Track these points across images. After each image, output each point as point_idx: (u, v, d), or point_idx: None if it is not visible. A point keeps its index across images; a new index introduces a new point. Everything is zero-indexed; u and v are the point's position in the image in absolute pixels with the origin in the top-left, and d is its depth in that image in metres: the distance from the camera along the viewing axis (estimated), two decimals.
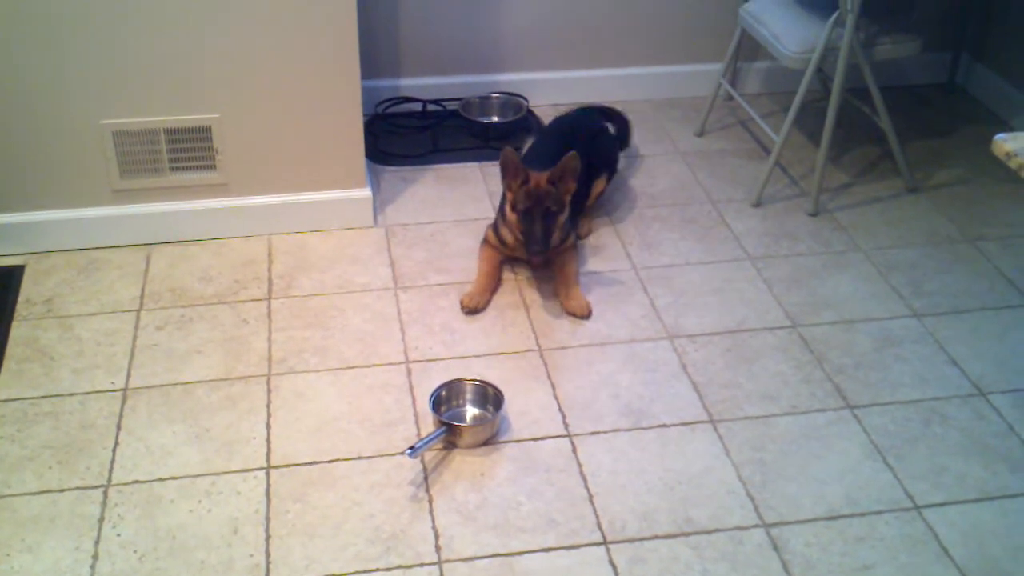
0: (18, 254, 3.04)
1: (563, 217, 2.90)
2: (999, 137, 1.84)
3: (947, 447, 2.48)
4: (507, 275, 3.03)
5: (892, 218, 3.34)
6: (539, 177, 2.85)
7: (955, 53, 4.09)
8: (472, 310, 2.86)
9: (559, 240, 2.94)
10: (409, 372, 2.66)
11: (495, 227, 3.03)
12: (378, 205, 3.32)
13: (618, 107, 3.69)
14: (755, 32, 3.45)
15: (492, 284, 2.94)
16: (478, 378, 2.59)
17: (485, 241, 3.05)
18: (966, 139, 3.81)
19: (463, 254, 3.09)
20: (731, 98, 3.93)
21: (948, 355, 2.77)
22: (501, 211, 3.00)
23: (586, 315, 2.86)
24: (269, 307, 2.88)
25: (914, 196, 3.47)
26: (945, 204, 3.42)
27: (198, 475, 2.35)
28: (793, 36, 3.26)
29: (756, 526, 2.26)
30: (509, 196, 2.90)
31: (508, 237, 2.97)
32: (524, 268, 3.05)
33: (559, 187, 2.85)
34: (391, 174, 3.51)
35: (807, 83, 3.26)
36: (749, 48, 3.91)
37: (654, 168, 3.59)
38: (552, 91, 3.95)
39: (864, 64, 3.24)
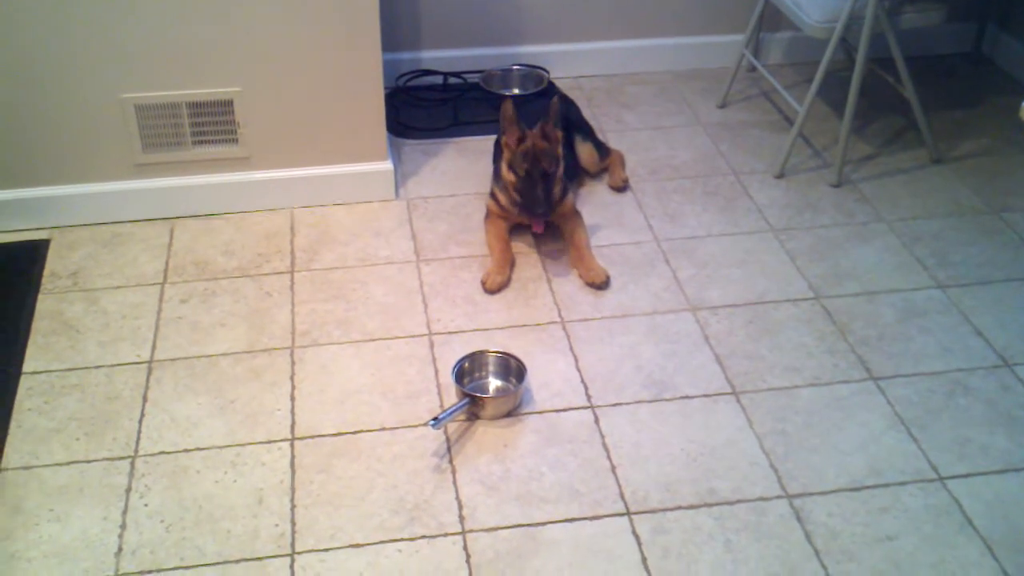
0: (43, 228, 3.06)
1: (559, 173, 2.94)
2: None
3: (971, 418, 2.47)
4: (528, 248, 3.03)
5: (916, 189, 3.32)
6: (534, 134, 2.88)
7: (981, 23, 4.05)
8: (494, 291, 2.85)
9: (559, 196, 2.97)
10: (432, 344, 2.67)
11: (493, 196, 3.05)
12: (400, 178, 3.32)
13: (641, 78, 3.67)
14: (778, 1, 3.42)
15: (507, 257, 2.94)
16: (501, 350, 2.59)
17: (488, 214, 3.06)
18: (991, 109, 3.78)
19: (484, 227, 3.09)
20: (754, 69, 3.91)
21: (972, 326, 2.75)
22: (497, 176, 3.03)
23: (604, 282, 2.86)
24: (292, 280, 2.89)
25: (938, 167, 3.44)
26: (970, 175, 3.40)
27: (223, 446, 2.37)
28: (816, 5, 3.23)
29: (779, 497, 2.27)
30: (506, 156, 2.92)
31: (508, 200, 2.99)
32: (544, 241, 3.04)
33: (551, 140, 2.88)
34: (412, 147, 3.51)
35: (831, 53, 3.23)
36: (772, 18, 3.87)
37: (676, 140, 3.58)
38: (573, 63, 3.93)
39: (889, 33, 3.20)
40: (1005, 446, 2.40)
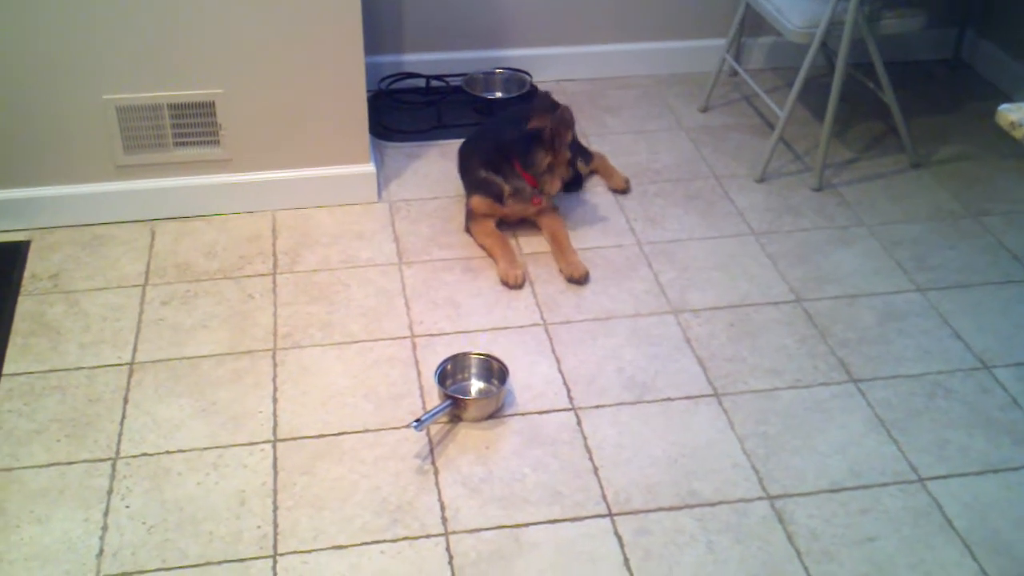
0: (23, 229, 3.05)
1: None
2: (1003, 107, 1.83)
3: (950, 420, 2.49)
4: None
5: (896, 193, 3.34)
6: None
7: (960, 29, 4.08)
8: (518, 283, 2.87)
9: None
10: (414, 346, 2.67)
11: (479, 190, 3.05)
12: (382, 181, 3.32)
13: (623, 82, 3.68)
14: (759, 6, 3.44)
15: (511, 248, 2.98)
16: (483, 352, 2.60)
17: (472, 215, 3.06)
18: (970, 115, 3.81)
19: None
20: (735, 73, 3.93)
21: (952, 329, 2.77)
22: (472, 185, 3.08)
23: (583, 276, 2.88)
24: (274, 282, 2.89)
25: (918, 171, 3.46)
26: (949, 179, 3.42)
27: (205, 448, 2.36)
28: (797, 10, 3.26)
29: (760, 498, 2.28)
30: (555, 155, 2.98)
31: (505, 187, 3.01)
32: (526, 243, 3.05)
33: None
34: (395, 150, 3.51)
35: (811, 58, 3.25)
36: (753, 23, 3.89)
37: (658, 143, 3.59)
38: (556, 67, 3.94)
39: (868, 39, 3.23)
40: (984, 448, 2.42)
